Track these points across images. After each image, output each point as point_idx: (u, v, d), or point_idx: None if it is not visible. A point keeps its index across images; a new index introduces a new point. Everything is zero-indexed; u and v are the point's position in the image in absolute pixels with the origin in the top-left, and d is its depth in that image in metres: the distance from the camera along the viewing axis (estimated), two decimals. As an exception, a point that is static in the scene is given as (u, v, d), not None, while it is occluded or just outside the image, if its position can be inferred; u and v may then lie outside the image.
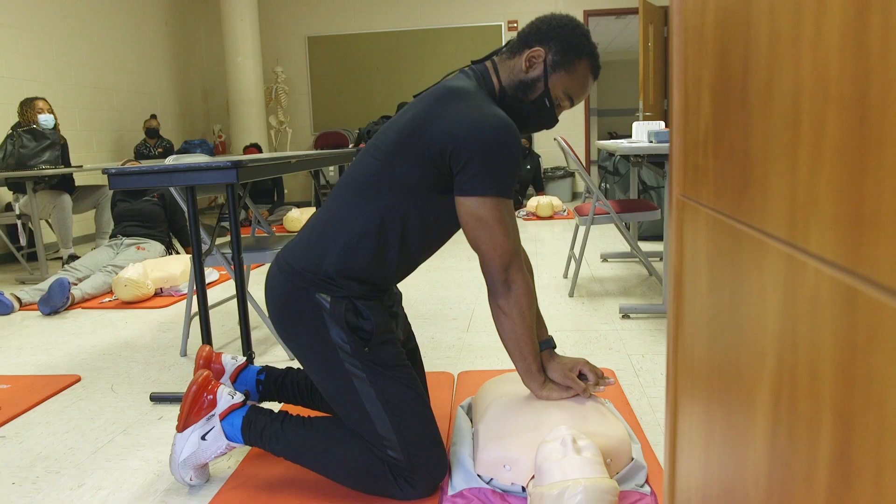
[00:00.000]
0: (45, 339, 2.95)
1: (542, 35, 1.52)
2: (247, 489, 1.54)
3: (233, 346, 2.70)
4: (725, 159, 0.53)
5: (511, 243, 1.43)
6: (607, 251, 4.29)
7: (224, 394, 1.55)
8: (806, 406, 0.38)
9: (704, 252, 0.60)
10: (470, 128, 1.38)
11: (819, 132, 0.35)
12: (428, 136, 1.40)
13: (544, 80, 1.52)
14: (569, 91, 1.55)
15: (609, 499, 1.21)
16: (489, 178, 1.38)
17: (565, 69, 1.52)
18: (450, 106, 1.42)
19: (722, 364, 0.55)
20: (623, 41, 12.20)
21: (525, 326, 1.47)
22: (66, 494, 1.58)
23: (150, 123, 6.60)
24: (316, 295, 1.45)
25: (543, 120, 1.59)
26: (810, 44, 0.36)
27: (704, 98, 0.59)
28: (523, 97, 1.54)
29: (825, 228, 0.35)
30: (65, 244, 4.52)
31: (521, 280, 1.45)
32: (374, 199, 1.45)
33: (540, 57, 1.52)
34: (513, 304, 1.45)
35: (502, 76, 1.56)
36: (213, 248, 2.45)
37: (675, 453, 0.76)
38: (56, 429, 1.96)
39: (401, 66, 8.34)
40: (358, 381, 1.42)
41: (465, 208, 1.41)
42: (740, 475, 0.50)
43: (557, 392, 1.53)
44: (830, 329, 0.34)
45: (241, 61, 7.38)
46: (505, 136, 1.38)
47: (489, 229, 1.41)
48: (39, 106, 4.49)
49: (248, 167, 2.01)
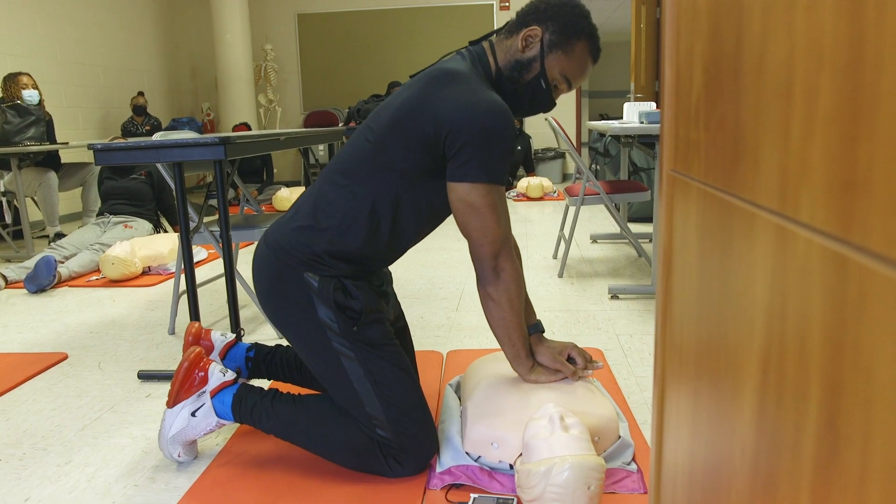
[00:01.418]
0: (31, 316, 2.93)
1: (539, 14, 1.48)
2: (235, 466, 1.54)
3: (221, 325, 2.69)
4: (717, 132, 0.53)
5: (501, 230, 1.41)
6: (597, 232, 4.29)
7: (216, 371, 1.54)
8: (794, 376, 0.37)
9: (695, 226, 0.60)
10: (464, 112, 1.35)
11: (812, 100, 0.35)
12: (421, 119, 1.38)
13: (540, 61, 1.48)
14: (566, 73, 1.51)
15: (596, 476, 1.22)
16: (482, 163, 1.36)
17: (562, 50, 1.48)
18: (444, 89, 1.39)
19: (710, 338, 0.55)
20: (615, 22, 12.14)
21: (514, 313, 1.46)
22: (54, 471, 1.58)
23: (138, 100, 6.52)
24: (304, 274, 1.44)
25: (539, 102, 1.55)
26: (804, 9, 0.36)
27: (696, 71, 0.58)
28: (518, 78, 1.51)
29: (816, 197, 0.35)
30: (51, 222, 4.48)
31: (510, 267, 1.43)
32: (365, 181, 1.43)
33: (536, 36, 1.48)
34: (502, 292, 1.44)
35: (499, 57, 1.52)
36: (201, 225, 2.43)
37: (661, 429, 0.76)
38: (43, 406, 1.95)
39: (392, 45, 8.27)
40: (346, 360, 1.42)
41: (457, 194, 1.39)
42: (727, 449, 0.50)
43: (546, 375, 1.53)
44: (820, 298, 0.34)
45: (229, 38, 7.28)
46: (499, 121, 1.36)
47: (480, 216, 1.39)
48: (24, 81, 4.42)
49: (236, 144, 1.99)
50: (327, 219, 1.44)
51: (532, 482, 1.21)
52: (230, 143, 1.94)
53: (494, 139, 1.35)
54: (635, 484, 1.38)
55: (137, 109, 6.52)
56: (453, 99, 1.37)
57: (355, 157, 1.46)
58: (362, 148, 1.46)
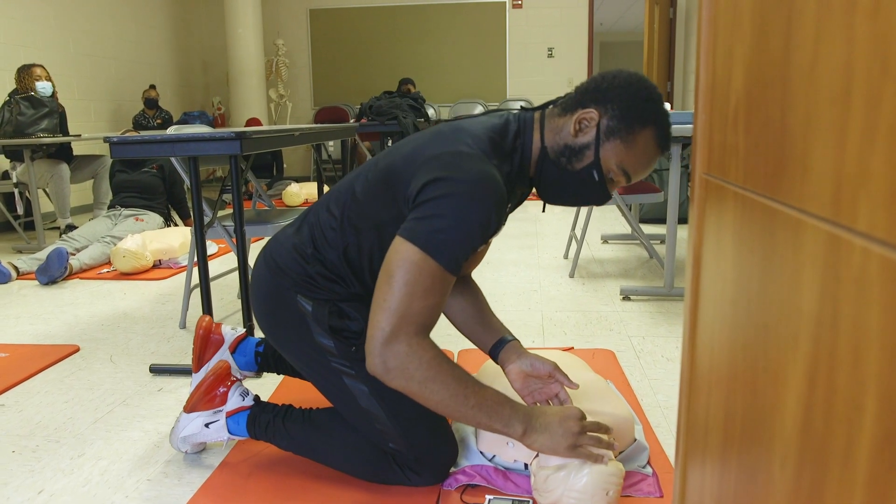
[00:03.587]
0: (42, 308, 2.94)
1: (599, 94, 1.27)
2: (248, 463, 1.54)
3: (230, 320, 2.69)
4: (759, 136, 0.52)
5: (408, 315, 1.16)
6: (608, 233, 4.28)
7: (235, 394, 1.55)
8: (846, 387, 0.37)
9: (730, 232, 0.59)
10: (443, 169, 1.19)
11: (873, 106, 0.34)
12: (407, 174, 1.26)
13: (595, 149, 1.27)
14: (625, 165, 1.28)
15: (615, 481, 1.21)
16: (434, 230, 1.15)
17: (622, 138, 1.26)
18: (440, 144, 1.26)
19: (747, 343, 0.54)
20: (626, 22, 12.10)
21: (440, 394, 1.18)
22: (67, 463, 1.58)
23: (150, 94, 6.53)
24: (298, 298, 1.39)
25: (589, 194, 1.33)
26: (868, 14, 0.35)
27: (737, 73, 0.57)
28: (567, 164, 1.30)
29: (876, 206, 0.34)
30: (62, 214, 4.49)
31: (400, 365, 1.17)
32: (353, 223, 1.36)
33: (593, 120, 1.27)
34: (400, 385, 1.19)
35: (547, 135, 1.32)
36: (214, 220, 2.43)
37: (687, 431, 0.75)
38: (55, 398, 1.96)
39: (403, 41, 8.26)
40: (349, 378, 1.38)
41: (391, 247, 1.20)
42: (765, 460, 0.49)
43: (548, 439, 1.22)
44: (879, 309, 0.33)
45: (241, 33, 7.29)
46: (478, 195, 1.16)
47: (391, 283, 1.17)
48: (37, 73, 4.43)
49: (251, 139, 1.98)
50: (318, 245, 1.39)
51: (550, 486, 1.21)
52: (246, 137, 1.94)
53: (464, 213, 1.15)
54: (651, 487, 1.37)
55: (149, 103, 6.54)
56: (440, 154, 1.23)
57: (350, 192, 1.37)
58: (359, 186, 1.37)
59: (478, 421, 1.20)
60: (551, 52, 8.12)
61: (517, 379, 1.44)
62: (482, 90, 8.28)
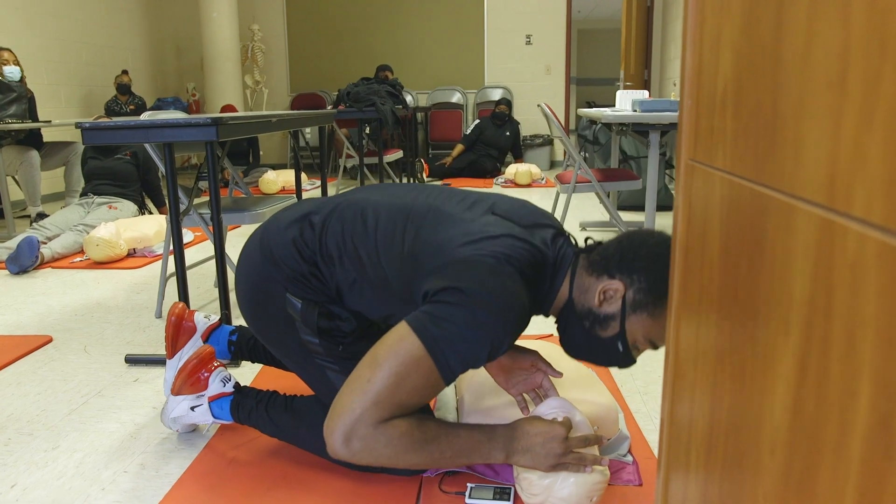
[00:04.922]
0: (13, 298, 2.88)
1: (626, 265, 1.20)
2: (228, 454, 1.53)
3: (206, 309, 2.66)
4: (748, 121, 0.51)
5: (381, 403, 1.08)
6: (586, 220, 4.29)
7: (217, 380, 1.54)
8: (839, 372, 0.36)
9: (717, 218, 0.59)
10: (471, 282, 1.11)
11: (871, 90, 0.34)
12: (429, 266, 1.19)
13: (620, 321, 1.21)
14: (652, 337, 1.21)
15: (599, 488, 1.21)
16: (441, 333, 1.08)
17: (649, 312, 1.19)
18: (475, 244, 1.17)
19: (734, 328, 0.54)
20: (603, 10, 12.11)
21: (417, 458, 1.12)
22: (41, 456, 1.55)
23: (122, 79, 6.39)
24: (287, 294, 1.35)
25: (612, 358, 1.26)
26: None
27: (725, 58, 0.57)
28: (590, 329, 1.24)
29: (873, 191, 0.33)
30: (33, 202, 4.40)
31: (370, 437, 1.09)
32: (367, 277, 1.30)
33: (618, 292, 1.20)
34: (371, 460, 1.10)
35: (575, 291, 1.25)
36: (190, 208, 2.39)
37: (672, 401, 0.75)
38: (27, 390, 1.92)
39: (381, 28, 8.19)
40: (332, 372, 1.37)
41: (394, 330, 1.12)
42: (754, 446, 0.49)
43: (529, 460, 1.19)
44: (875, 295, 0.33)
45: (216, 17, 7.16)
46: (502, 318, 1.09)
47: (380, 367, 1.08)
48: (5, 57, 4.32)
49: (228, 125, 1.95)
50: (327, 260, 1.34)
51: (534, 490, 1.21)
52: (223, 123, 1.91)
53: (482, 332, 1.08)
54: (631, 475, 1.38)
55: (121, 88, 6.40)
56: (476, 268, 1.13)
57: (374, 245, 1.29)
58: (384, 243, 1.28)
59: (458, 464, 1.19)
60: (529, 38, 8.10)
61: (498, 373, 1.41)
62: (460, 77, 8.24)
